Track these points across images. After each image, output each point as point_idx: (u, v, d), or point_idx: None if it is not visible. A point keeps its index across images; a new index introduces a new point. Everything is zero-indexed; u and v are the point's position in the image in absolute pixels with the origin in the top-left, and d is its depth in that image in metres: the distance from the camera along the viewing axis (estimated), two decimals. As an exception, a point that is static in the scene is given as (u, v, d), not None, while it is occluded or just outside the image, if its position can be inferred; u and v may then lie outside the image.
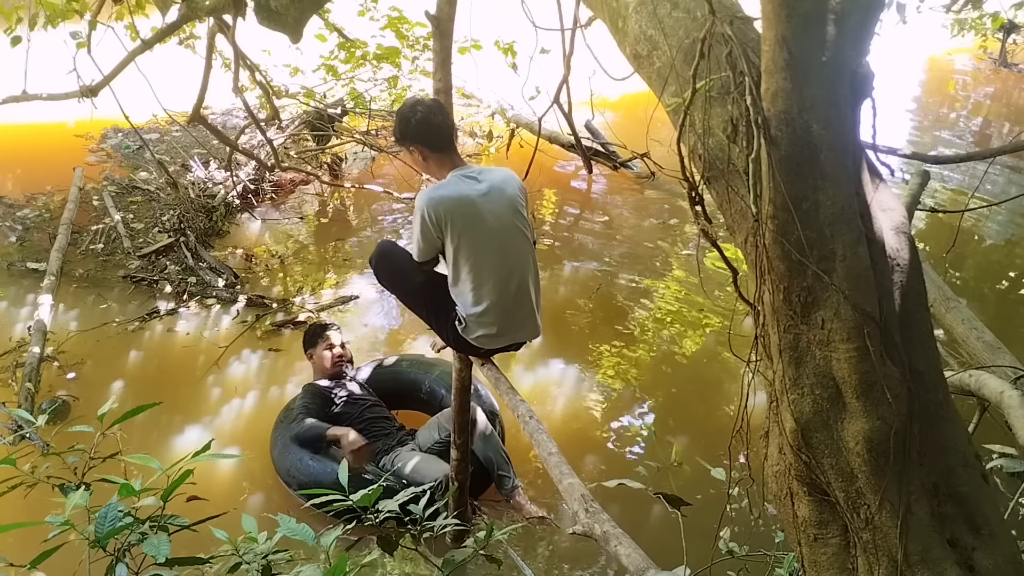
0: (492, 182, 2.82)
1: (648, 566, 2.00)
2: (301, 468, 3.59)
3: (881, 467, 1.51)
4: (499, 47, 5.88)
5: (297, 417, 3.70)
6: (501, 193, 2.83)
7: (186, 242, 5.78)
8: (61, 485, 1.73)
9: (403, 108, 2.84)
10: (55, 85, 4.40)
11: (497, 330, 2.92)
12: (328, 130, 7.02)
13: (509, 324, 2.94)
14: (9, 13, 4.50)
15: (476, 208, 2.77)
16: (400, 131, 2.83)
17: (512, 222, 2.86)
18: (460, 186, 2.78)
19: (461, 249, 2.80)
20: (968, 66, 12.33)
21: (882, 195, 1.62)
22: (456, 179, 2.80)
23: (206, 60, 4.57)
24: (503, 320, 2.91)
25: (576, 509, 2.29)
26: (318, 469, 3.54)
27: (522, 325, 3.01)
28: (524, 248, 2.93)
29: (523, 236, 2.91)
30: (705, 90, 1.63)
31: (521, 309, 2.96)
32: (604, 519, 2.22)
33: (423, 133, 2.78)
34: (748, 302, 1.69)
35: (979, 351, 2.74)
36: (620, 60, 2.04)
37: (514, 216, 2.86)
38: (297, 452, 3.64)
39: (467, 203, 2.76)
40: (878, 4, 1.64)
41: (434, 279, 2.97)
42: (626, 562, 2.06)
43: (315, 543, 1.74)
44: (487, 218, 2.79)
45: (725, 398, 4.47)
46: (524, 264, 2.93)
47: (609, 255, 6.25)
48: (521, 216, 2.89)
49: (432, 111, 2.77)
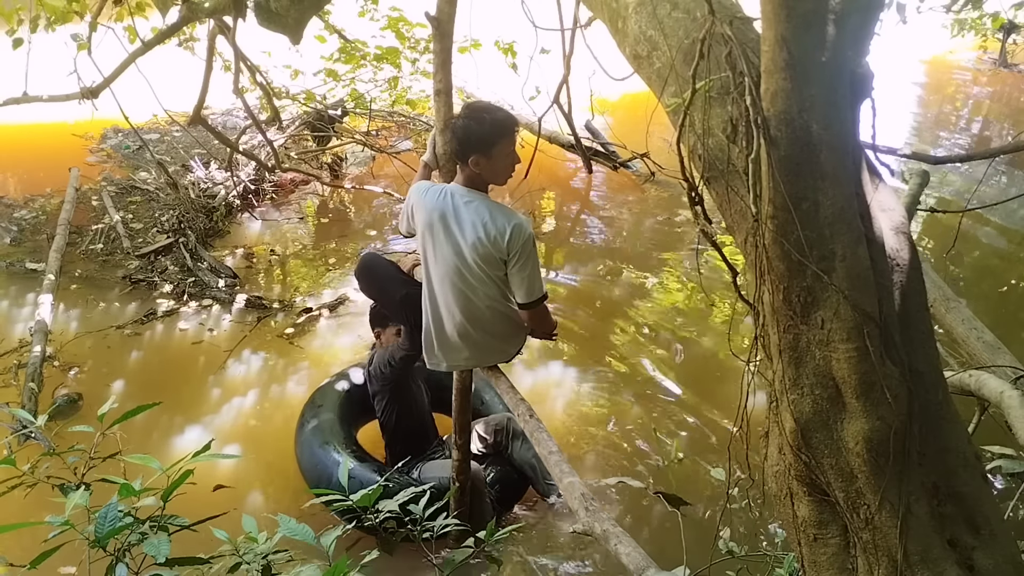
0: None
1: (648, 565, 2.01)
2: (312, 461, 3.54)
3: (881, 467, 1.51)
4: (499, 47, 5.88)
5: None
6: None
7: (185, 243, 5.78)
8: (61, 485, 1.73)
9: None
10: (56, 86, 4.41)
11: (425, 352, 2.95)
12: (328, 131, 7.03)
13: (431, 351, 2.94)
14: (10, 15, 4.51)
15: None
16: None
17: (456, 265, 2.73)
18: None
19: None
20: (968, 66, 12.33)
21: (882, 195, 1.62)
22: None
23: (206, 62, 4.57)
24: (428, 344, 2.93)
25: (576, 508, 2.30)
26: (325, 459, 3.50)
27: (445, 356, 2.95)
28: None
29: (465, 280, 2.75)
30: (705, 90, 1.64)
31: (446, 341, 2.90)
32: (604, 518, 2.22)
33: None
34: (748, 302, 1.69)
35: (979, 351, 2.74)
36: (620, 60, 2.04)
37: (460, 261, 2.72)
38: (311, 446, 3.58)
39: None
40: (878, 4, 1.64)
41: (412, 292, 2.99)
42: (626, 561, 2.06)
43: (315, 543, 1.74)
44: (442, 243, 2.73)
45: (725, 398, 4.47)
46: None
47: (609, 255, 6.25)
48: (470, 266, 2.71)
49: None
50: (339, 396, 3.89)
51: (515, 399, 2.84)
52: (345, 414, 3.81)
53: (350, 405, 3.87)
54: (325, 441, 3.60)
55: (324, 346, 4.89)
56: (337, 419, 3.74)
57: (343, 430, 3.70)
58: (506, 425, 3.68)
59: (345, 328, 5.10)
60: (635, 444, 4.15)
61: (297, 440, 3.72)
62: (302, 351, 4.81)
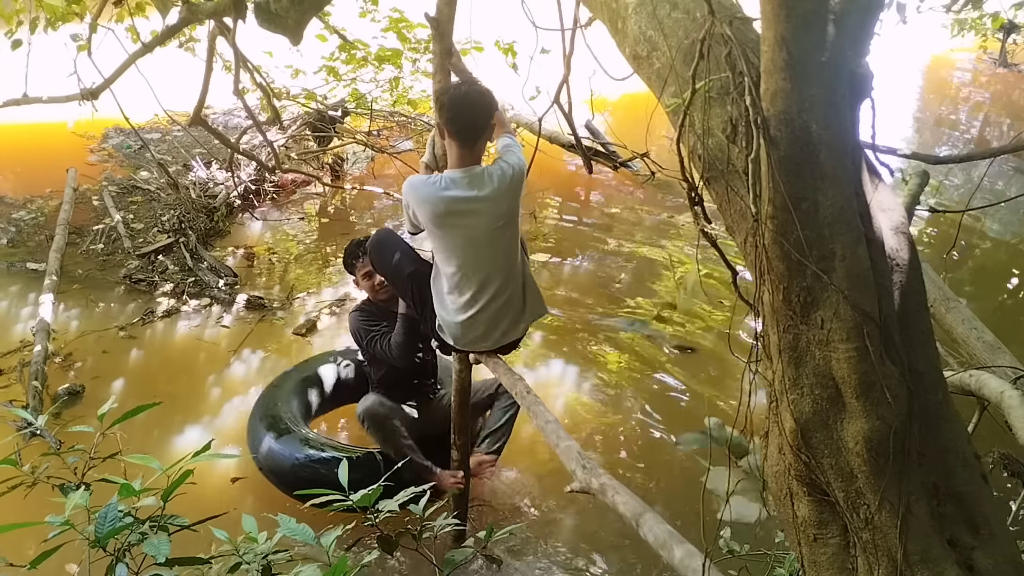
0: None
1: (644, 510, 2.08)
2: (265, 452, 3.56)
3: (881, 467, 1.51)
4: (499, 47, 5.88)
5: (375, 341, 3.47)
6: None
7: (185, 242, 5.78)
8: (61, 485, 1.73)
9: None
10: (56, 87, 4.41)
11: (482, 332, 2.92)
12: (329, 131, 7.04)
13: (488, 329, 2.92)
14: (10, 16, 4.51)
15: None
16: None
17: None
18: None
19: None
20: (968, 66, 12.33)
21: (881, 195, 1.62)
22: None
23: (207, 63, 4.57)
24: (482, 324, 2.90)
25: (573, 467, 2.35)
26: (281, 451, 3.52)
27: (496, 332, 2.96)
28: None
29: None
30: (704, 91, 1.64)
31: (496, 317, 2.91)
32: (600, 473, 2.29)
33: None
34: (748, 302, 1.70)
35: (979, 351, 2.74)
36: (620, 60, 2.04)
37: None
38: (261, 432, 3.62)
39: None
40: (878, 4, 1.64)
41: (420, 270, 2.99)
42: (623, 509, 2.14)
43: (315, 543, 1.74)
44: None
45: (726, 396, 4.47)
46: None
47: (609, 254, 6.25)
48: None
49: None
50: (299, 379, 4.02)
51: (512, 379, 2.87)
52: (298, 391, 3.94)
53: (305, 389, 3.99)
54: (265, 414, 3.73)
55: (325, 345, 4.89)
56: (289, 395, 3.88)
57: (288, 406, 3.81)
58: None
59: (343, 328, 5.10)
60: (635, 443, 4.15)
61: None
62: (302, 350, 4.81)
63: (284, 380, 4.03)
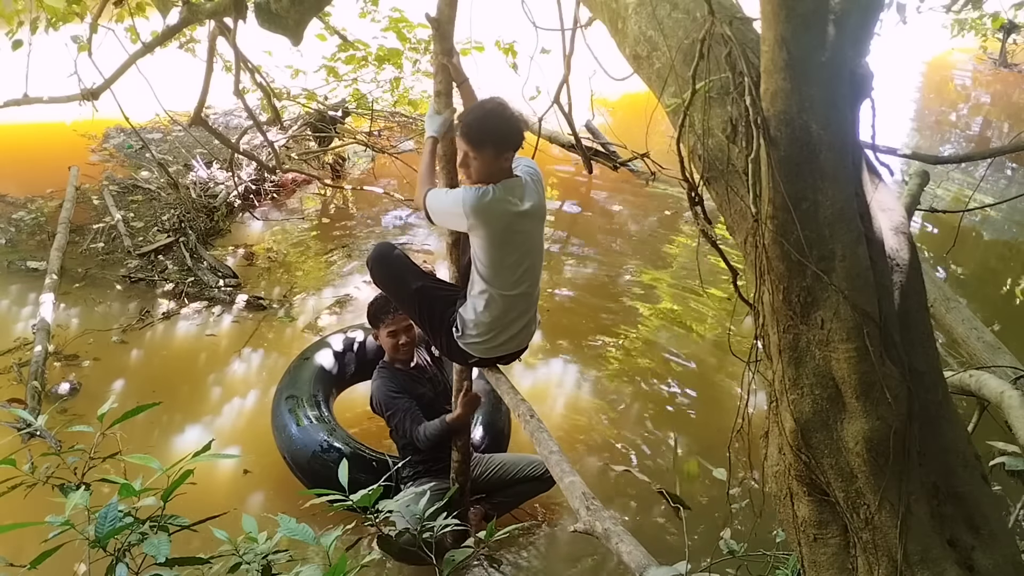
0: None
1: (649, 563, 2.00)
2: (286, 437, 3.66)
3: (881, 467, 1.51)
4: (499, 47, 5.88)
5: (402, 422, 3.37)
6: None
7: (185, 242, 5.78)
8: (61, 485, 1.73)
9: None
10: (56, 87, 4.41)
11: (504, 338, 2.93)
12: (330, 131, 7.03)
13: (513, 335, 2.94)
14: (10, 16, 4.51)
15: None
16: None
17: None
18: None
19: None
20: (968, 66, 12.32)
21: (881, 195, 1.62)
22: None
23: (207, 63, 4.57)
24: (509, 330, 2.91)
25: (577, 507, 2.29)
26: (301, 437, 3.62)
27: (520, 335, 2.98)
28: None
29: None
30: (704, 91, 1.64)
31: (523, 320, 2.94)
32: (605, 516, 2.22)
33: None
34: (748, 302, 1.69)
35: (979, 351, 2.74)
36: (620, 60, 2.04)
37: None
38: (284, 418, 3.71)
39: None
40: (878, 4, 1.64)
41: (428, 284, 2.98)
42: (627, 559, 2.05)
43: (315, 543, 1.75)
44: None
45: (726, 397, 4.47)
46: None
47: (609, 255, 6.25)
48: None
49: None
50: (317, 362, 4.07)
51: (516, 399, 2.84)
52: (320, 377, 3.99)
53: (326, 369, 4.05)
54: (290, 396, 3.83)
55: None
56: (311, 380, 3.94)
57: (312, 389, 3.88)
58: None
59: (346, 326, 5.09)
60: (636, 443, 4.15)
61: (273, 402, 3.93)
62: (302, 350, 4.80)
63: (313, 352, 4.13)
